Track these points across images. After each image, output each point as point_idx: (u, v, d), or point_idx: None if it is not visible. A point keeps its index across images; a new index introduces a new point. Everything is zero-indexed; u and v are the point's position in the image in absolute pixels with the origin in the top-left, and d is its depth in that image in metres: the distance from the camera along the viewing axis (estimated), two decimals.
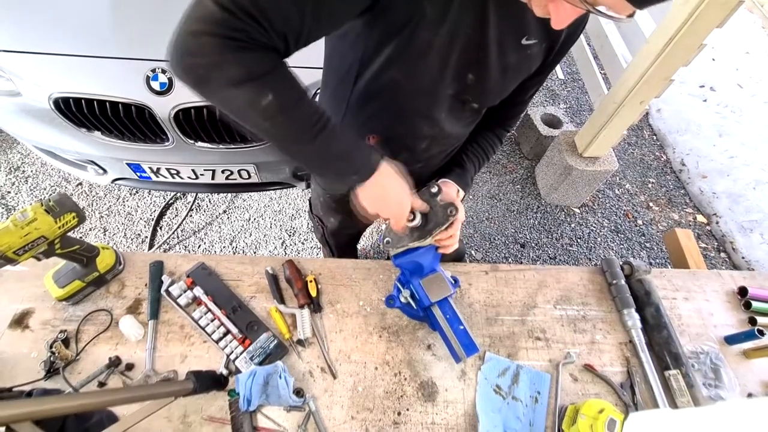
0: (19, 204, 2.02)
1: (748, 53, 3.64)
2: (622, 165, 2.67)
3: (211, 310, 0.83)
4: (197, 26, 0.46)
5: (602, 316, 0.93)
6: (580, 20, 0.67)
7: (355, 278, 0.93)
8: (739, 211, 2.43)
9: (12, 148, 2.20)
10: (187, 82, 0.50)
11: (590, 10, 0.44)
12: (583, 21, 0.68)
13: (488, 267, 0.99)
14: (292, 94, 0.54)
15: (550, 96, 3.05)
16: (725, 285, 1.02)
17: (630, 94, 1.78)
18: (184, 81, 0.50)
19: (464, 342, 0.75)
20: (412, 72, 0.67)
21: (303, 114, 0.55)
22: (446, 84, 0.70)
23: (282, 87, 0.53)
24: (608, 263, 0.99)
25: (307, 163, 0.63)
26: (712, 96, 3.17)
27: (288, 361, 0.81)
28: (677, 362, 0.84)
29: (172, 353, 0.79)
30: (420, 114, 0.76)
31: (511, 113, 0.91)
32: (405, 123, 0.78)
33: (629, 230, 2.34)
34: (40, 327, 0.80)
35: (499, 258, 2.13)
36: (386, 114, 0.76)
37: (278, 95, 0.52)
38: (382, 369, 0.82)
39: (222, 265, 0.92)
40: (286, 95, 0.53)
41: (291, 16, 0.49)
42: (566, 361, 0.85)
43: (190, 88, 0.51)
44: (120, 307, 0.84)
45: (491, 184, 2.43)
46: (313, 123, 0.56)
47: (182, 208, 2.10)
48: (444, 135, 0.83)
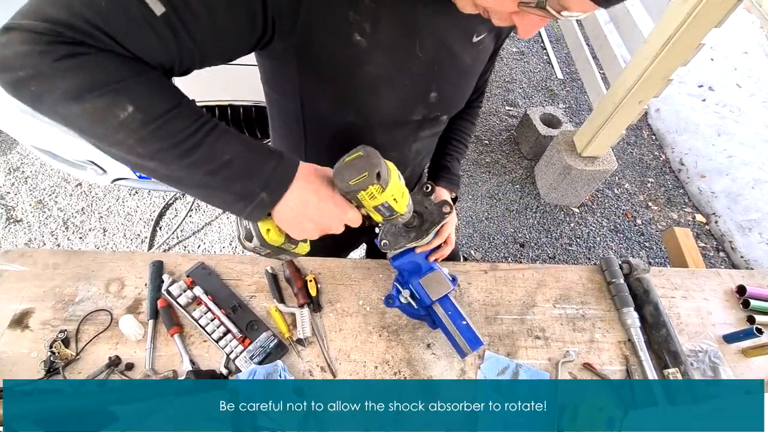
0: (19, 204, 2.02)
1: (746, 53, 3.65)
2: (621, 164, 2.67)
3: (211, 310, 0.83)
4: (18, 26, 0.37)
5: (601, 315, 0.93)
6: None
7: (355, 277, 0.94)
8: (737, 210, 2.44)
9: (11, 148, 2.20)
10: (22, 101, 0.41)
11: (556, 17, 0.43)
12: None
13: (487, 266, 0.99)
14: (161, 101, 0.43)
15: (549, 96, 3.05)
16: (724, 284, 1.02)
17: (629, 94, 1.79)
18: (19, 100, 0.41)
19: (468, 337, 0.75)
20: (366, 110, 0.62)
21: (180, 123, 0.44)
22: (409, 111, 0.66)
23: (147, 94, 0.42)
24: (607, 262, 0.99)
25: (194, 186, 0.48)
26: (711, 96, 3.18)
27: (288, 361, 0.81)
28: (676, 361, 0.84)
29: (172, 353, 0.79)
30: (387, 147, 0.68)
31: (475, 96, 0.88)
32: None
33: (628, 230, 2.34)
34: (39, 327, 0.80)
35: (499, 257, 2.13)
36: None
37: (141, 105, 0.42)
38: (382, 368, 0.82)
39: (222, 265, 0.92)
40: (152, 104, 0.43)
41: (154, 46, 0.42)
42: (565, 360, 0.85)
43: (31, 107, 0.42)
44: (120, 306, 0.84)
45: (490, 183, 2.44)
46: (194, 130, 0.44)
47: (182, 209, 2.10)
48: (418, 152, 0.81)
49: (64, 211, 2.02)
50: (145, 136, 0.43)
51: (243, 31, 0.47)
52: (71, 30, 0.38)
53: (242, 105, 1.42)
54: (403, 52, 0.57)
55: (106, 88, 0.40)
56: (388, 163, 0.57)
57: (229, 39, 0.47)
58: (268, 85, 0.66)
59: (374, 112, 0.63)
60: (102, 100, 0.40)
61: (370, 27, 0.51)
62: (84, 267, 0.88)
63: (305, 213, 0.53)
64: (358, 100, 0.60)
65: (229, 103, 1.40)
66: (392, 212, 0.60)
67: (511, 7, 0.45)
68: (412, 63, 0.58)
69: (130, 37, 0.40)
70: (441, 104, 0.69)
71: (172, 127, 0.44)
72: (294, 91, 0.61)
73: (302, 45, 0.51)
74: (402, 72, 0.59)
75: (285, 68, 0.57)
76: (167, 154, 0.44)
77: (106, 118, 0.41)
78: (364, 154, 0.53)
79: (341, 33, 0.51)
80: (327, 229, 0.57)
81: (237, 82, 1.40)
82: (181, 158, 0.45)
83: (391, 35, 0.54)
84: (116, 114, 0.41)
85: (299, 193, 0.51)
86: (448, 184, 0.88)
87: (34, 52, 0.37)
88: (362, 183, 0.52)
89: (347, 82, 0.57)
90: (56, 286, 0.85)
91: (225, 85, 1.42)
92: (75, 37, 0.38)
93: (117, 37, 0.39)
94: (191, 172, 0.46)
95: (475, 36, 0.62)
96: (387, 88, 0.59)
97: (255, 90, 1.31)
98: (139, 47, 0.41)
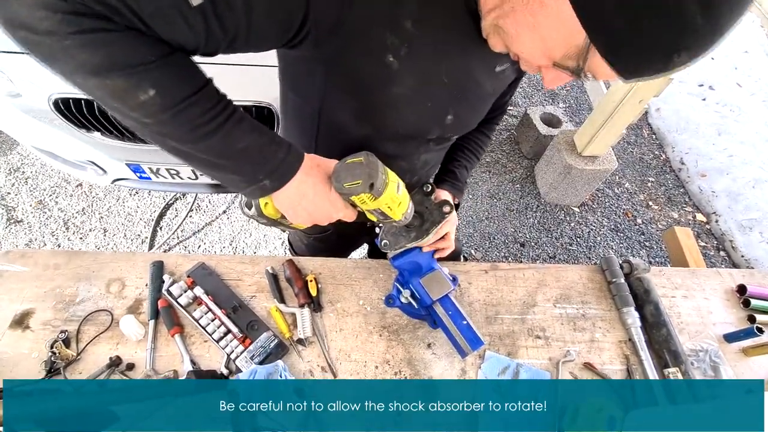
0: (19, 205, 2.02)
1: (746, 52, 3.64)
2: (622, 164, 2.67)
3: (212, 310, 0.83)
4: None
5: (602, 315, 0.93)
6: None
7: (355, 277, 0.94)
8: (738, 209, 2.43)
9: (12, 149, 2.20)
10: (34, 58, 0.38)
11: (582, 78, 0.45)
12: None
13: (488, 266, 0.99)
14: (183, 86, 0.43)
15: (549, 95, 3.05)
16: (724, 283, 1.02)
17: (629, 93, 1.79)
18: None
19: (469, 336, 0.75)
20: (384, 126, 0.64)
21: (199, 109, 0.44)
22: (425, 131, 0.68)
23: (170, 79, 0.42)
24: (607, 262, 0.99)
25: (201, 163, 0.50)
26: (711, 95, 3.18)
27: (288, 361, 0.81)
28: (677, 360, 0.84)
29: (173, 353, 0.79)
30: (397, 157, 0.71)
31: (496, 114, 0.90)
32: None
33: (629, 229, 2.34)
34: (40, 327, 0.80)
35: (499, 257, 2.13)
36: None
37: (163, 89, 0.41)
38: (383, 368, 0.82)
39: (222, 265, 0.92)
40: (174, 88, 0.42)
41: (183, 34, 0.40)
42: (566, 360, 0.85)
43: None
44: (120, 307, 0.84)
45: (491, 183, 2.44)
46: (213, 116, 0.45)
47: (182, 209, 2.10)
48: (426, 162, 0.82)
49: (64, 211, 2.02)
50: (164, 119, 0.43)
51: (275, 32, 0.47)
52: (99, 3, 0.35)
53: (243, 105, 1.42)
54: (430, 76, 0.58)
55: (129, 70, 0.39)
56: (390, 173, 0.58)
57: (259, 36, 0.47)
58: (286, 83, 0.67)
59: (392, 128, 0.65)
60: (123, 80, 0.39)
61: (405, 50, 0.52)
62: (85, 267, 0.88)
63: (300, 203, 0.56)
64: (378, 116, 0.62)
65: None
66: (386, 217, 0.61)
67: (544, 62, 0.47)
68: (436, 87, 0.60)
69: (160, 22, 0.39)
70: (456, 126, 0.71)
71: (191, 113, 0.44)
72: (315, 96, 0.62)
73: (333, 58, 0.52)
74: (425, 94, 0.60)
75: (310, 73, 0.58)
76: (183, 136, 0.45)
77: (125, 97, 0.40)
78: (365, 162, 0.54)
79: (375, 53, 0.52)
80: (318, 220, 0.60)
81: (237, 82, 1.40)
82: (197, 141, 0.46)
83: (422, 60, 0.55)
84: (137, 95, 0.40)
85: (298, 184, 0.54)
86: (452, 188, 0.88)
87: (54, 18, 0.34)
88: (354, 189, 0.54)
89: (372, 99, 0.59)
90: (57, 286, 0.85)
91: (225, 85, 1.42)
92: (101, 12, 0.36)
93: (145, 18, 0.38)
94: (203, 153, 0.48)
95: (498, 66, 0.64)
96: (408, 107, 0.61)
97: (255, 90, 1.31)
98: (167, 32, 0.40)
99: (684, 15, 0.35)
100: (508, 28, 0.47)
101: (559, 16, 0.41)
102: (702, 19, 0.35)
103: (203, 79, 0.45)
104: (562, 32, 0.42)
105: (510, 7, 0.45)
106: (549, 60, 0.46)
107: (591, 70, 0.44)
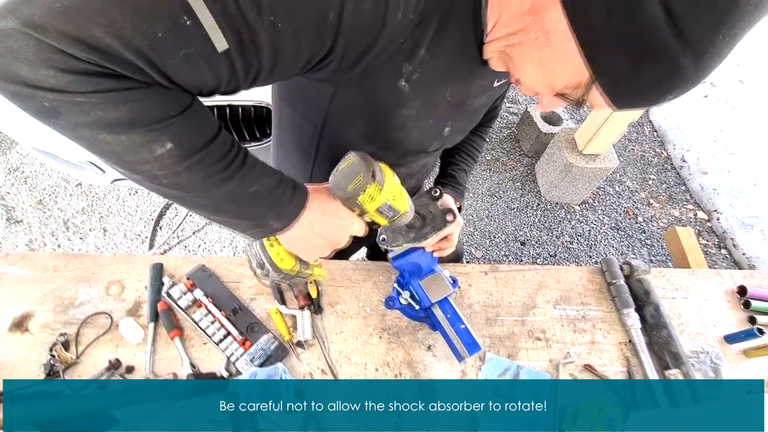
0: (19, 205, 2.02)
1: (748, 48, 3.62)
2: (623, 162, 2.66)
3: (212, 312, 0.83)
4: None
5: (602, 316, 0.93)
6: None
7: (355, 279, 0.93)
8: (739, 207, 2.43)
9: (11, 148, 2.20)
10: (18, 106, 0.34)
11: (579, 107, 0.48)
12: None
13: (488, 267, 0.99)
14: (199, 136, 0.41)
15: None
16: (724, 284, 1.02)
17: None
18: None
19: (466, 341, 0.75)
20: (389, 145, 0.66)
21: (215, 157, 0.43)
22: (426, 145, 0.70)
23: (187, 130, 0.40)
24: (607, 263, 0.99)
25: (202, 209, 0.48)
26: (713, 92, 3.16)
27: (288, 363, 0.81)
28: (677, 362, 0.84)
29: (173, 355, 0.79)
30: (395, 165, 0.72)
31: (490, 117, 0.92)
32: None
33: (630, 227, 2.34)
34: (39, 330, 0.80)
35: (500, 256, 2.13)
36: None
37: (180, 142, 0.39)
38: (383, 370, 0.82)
39: (222, 267, 0.91)
40: (191, 139, 0.40)
41: (206, 80, 0.38)
42: (566, 361, 0.85)
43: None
44: (120, 309, 0.84)
45: (491, 181, 2.43)
46: (228, 163, 0.44)
47: (182, 208, 2.10)
48: (424, 165, 0.84)
49: (64, 211, 2.02)
50: (178, 171, 0.41)
51: (298, 68, 0.46)
52: (117, 64, 0.32)
53: (242, 105, 1.41)
54: (436, 96, 0.59)
55: (152, 126, 0.37)
56: (381, 164, 0.58)
57: (281, 73, 0.45)
58: (285, 101, 0.66)
59: (396, 146, 0.66)
60: (140, 136, 0.37)
61: (417, 75, 0.53)
62: (84, 270, 0.88)
63: (312, 230, 0.55)
64: (386, 136, 0.63)
65: (228, 103, 1.40)
66: (395, 212, 0.61)
67: (545, 92, 0.49)
68: (440, 106, 0.61)
69: (184, 74, 0.37)
70: (451, 137, 0.73)
71: (207, 162, 0.42)
72: (318, 116, 0.62)
73: (346, 84, 0.52)
74: (430, 113, 0.61)
75: (316, 94, 0.58)
76: (195, 185, 0.44)
77: (140, 151, 0.38)
78: (356, 159, 0.54)
79: (389, 79, 0.52)
80: (336, 242, 0.58)
81: None
82: (209, 189, 0.45)
83: (430, 82, 0.55)
84: (153, 150, 0.38)
85: (306, 215, 0.53)
86: (453, 192, 0.89)
87: (62, 77, 0.31)
88: (360, 185, 0.53)
89: (381, 121, 0.59)
90: (56, 289, 0.85)
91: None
92: (120, 73, 0.33)
93: (168, 72, 0.35)
94: (212, 199, 0.46)
95: (497, 81, 0.65)
96: (414, 126, 0.62)
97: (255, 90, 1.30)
98: (189, 81, 0.38)
99: (678, 66, 0.39)
100: (514, 57, 0.49)
101: (565, 55, 0.42)
102: (694, 71, 0.39)
103: (216, 124, 0.44)
104: (567, 70, 0.44)
105: (518, 41, 0.46)
106: (551, 91, 0.48)
107: (589, 101, 0.46)
